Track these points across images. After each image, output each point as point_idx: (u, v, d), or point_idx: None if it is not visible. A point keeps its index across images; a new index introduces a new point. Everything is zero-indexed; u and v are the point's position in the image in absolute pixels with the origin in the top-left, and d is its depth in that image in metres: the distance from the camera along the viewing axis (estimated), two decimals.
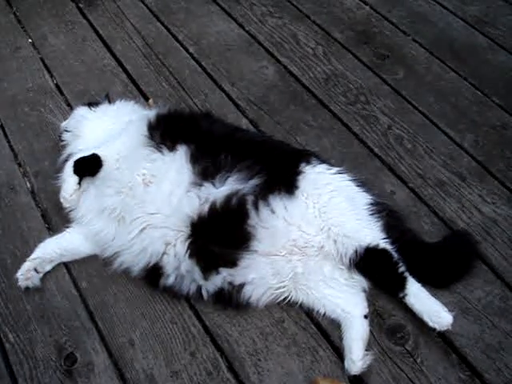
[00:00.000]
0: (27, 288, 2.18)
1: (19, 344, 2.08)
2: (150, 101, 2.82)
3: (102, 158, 2.21)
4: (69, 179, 2.23)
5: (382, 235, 2.08)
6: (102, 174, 2.22)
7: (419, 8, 3.39)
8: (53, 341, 2.08)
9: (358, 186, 2.20)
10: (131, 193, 2.15)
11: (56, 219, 2.41)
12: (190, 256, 2.06)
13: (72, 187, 2.22)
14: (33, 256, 2.21)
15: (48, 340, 2.08)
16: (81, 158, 2.23)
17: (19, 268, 2.18)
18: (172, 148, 2.19)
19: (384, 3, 3.44)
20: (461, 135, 2.69)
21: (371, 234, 2.07)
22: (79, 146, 2.36)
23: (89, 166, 2.22)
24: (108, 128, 2.39)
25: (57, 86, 3.03)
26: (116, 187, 2.17)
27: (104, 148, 2.25)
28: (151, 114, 2.34)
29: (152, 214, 2.11)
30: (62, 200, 2.24)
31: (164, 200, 2.11)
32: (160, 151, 2.19)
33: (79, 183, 2.23)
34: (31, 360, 2.04)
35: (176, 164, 2.16)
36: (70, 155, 2.36)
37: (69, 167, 2.24)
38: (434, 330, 1.94)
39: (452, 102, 2.84)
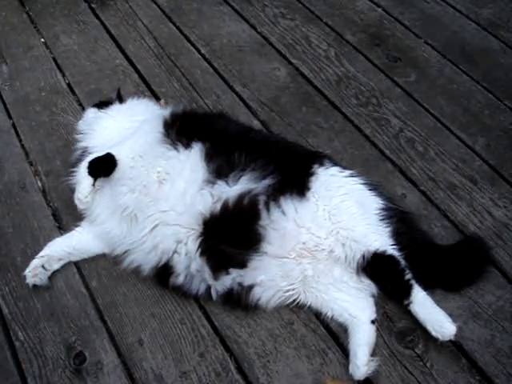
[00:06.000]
0: (35, 286, 2.19)
1: (29, 342, 2.08)
2: (162, 101, 2.82)
3: (117, 157, 2.17)
4: (83, 181, 2.15)
5: (391, 241, 2.07)
6: (116, 173, 2.17)
7: (432, 10, 3.38)
8: (62, 339, 2.09)
9: (370, 189, 2.19)
10: (145, 191, 2.15)
11: (67, 218, 2.41)
12: (201, 254, 2.06)
13: (87, 189, 2.15)
14: (41, 254, 2.22)
15: (57, 338, 2.09)
16: (95, 158, 2.18)
17: None
18: (187, 145, 2.18)
19: (396, 5, 3.43)
20: (473, 138, 2.67)
21: (379, 239, 2.06)
22: (93, 146, 2.33)
23: (103, 167, 2.17)
24: (123, 127, 2.36)
25: (69, 85, 3.04)
26: (130, 185, 2.16)
27: (119, 147, 2.22)
28: (166, 112, 2.33)
29: (165, 211, 2.11)
30: (76, 202, 2.18)
31: (178, 197, 2.11)
32: (175, 148, 2.18)
33: (93, 184, 2.16)
34: (40, 358, 2.04)
35: (191, 161, 2.15)
36: (84, 154, 2.32)
37: (83, 168, 2.17)
38: (437, 339, 1.94)
39: (464, 106, 2.83)
